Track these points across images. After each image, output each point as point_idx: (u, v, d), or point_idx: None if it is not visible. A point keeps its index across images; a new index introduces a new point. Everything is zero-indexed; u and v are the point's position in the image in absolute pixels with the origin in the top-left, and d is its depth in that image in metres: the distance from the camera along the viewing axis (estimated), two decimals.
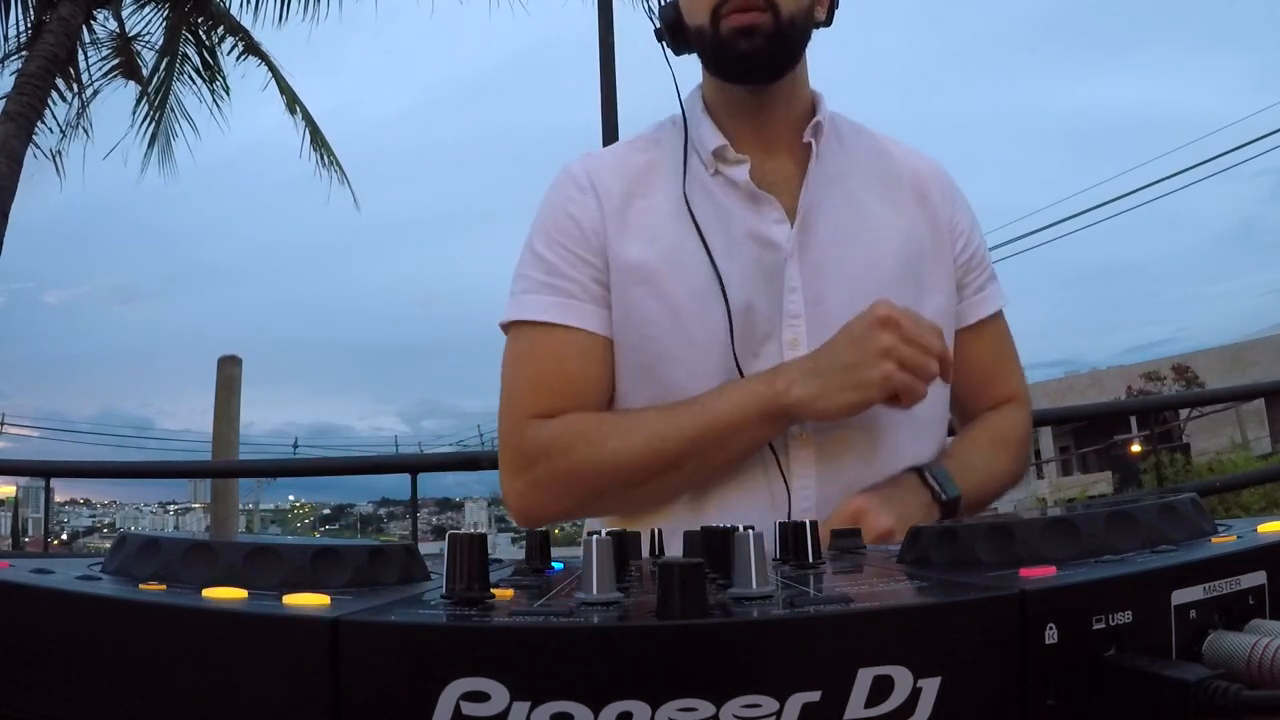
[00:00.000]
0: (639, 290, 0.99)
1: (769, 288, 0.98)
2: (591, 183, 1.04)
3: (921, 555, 0.45)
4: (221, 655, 0.30)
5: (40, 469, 3.90)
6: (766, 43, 0.96)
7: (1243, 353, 21.18)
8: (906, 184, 1.08)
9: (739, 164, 1.02)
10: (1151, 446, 9.15)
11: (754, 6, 0.96)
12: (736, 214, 1.00)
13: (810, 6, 1.01)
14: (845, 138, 1.09)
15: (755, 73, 1.01)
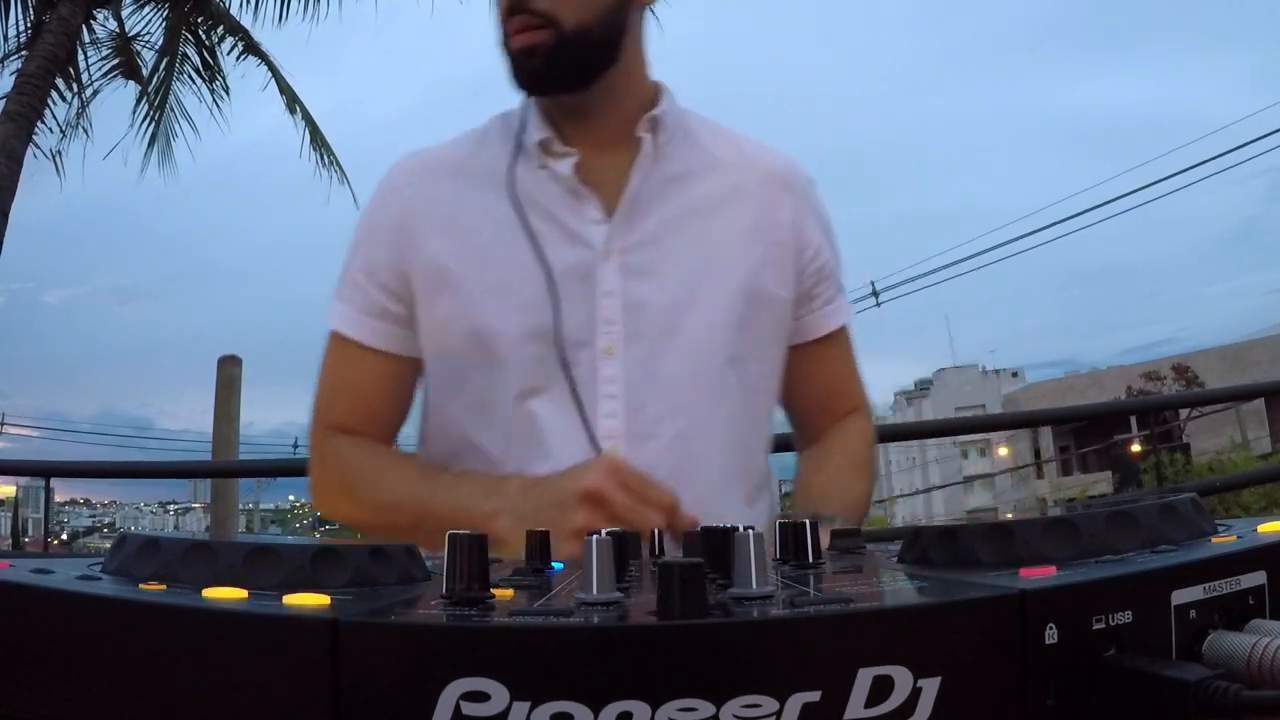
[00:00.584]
0: (444, 297, 0.96)
1: (583, 290, 0.94)
2: (401, 185, 1.02)
3: (921, 555, 0.45)
4: (221, 655, 0.30)
5: (40, 469, 3.90)
6: (547, 61, 0.92)
7: (1243, 353, 21.20)
8: (757, 184, 1.02)
9: (565, 157, 0.97)
10: (1151, 446, 9.16)
11: (530, 26, 0.91)
12: (555, 211, 0.96)
13: (614, 8, 0.94)
14: (696, 135, 1.03)
15: (544, 90, 0.97)
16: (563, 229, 0.95)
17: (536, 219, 0.95)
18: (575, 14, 0.91)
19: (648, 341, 0.94)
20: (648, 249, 0.96)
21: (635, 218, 0.96)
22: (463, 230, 0.97)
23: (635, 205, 0.96)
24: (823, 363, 1.07)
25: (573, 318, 0.93)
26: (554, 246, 0.95)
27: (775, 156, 1.07)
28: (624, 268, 0.95)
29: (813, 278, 1.04)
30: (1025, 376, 39.71)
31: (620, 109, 0.99)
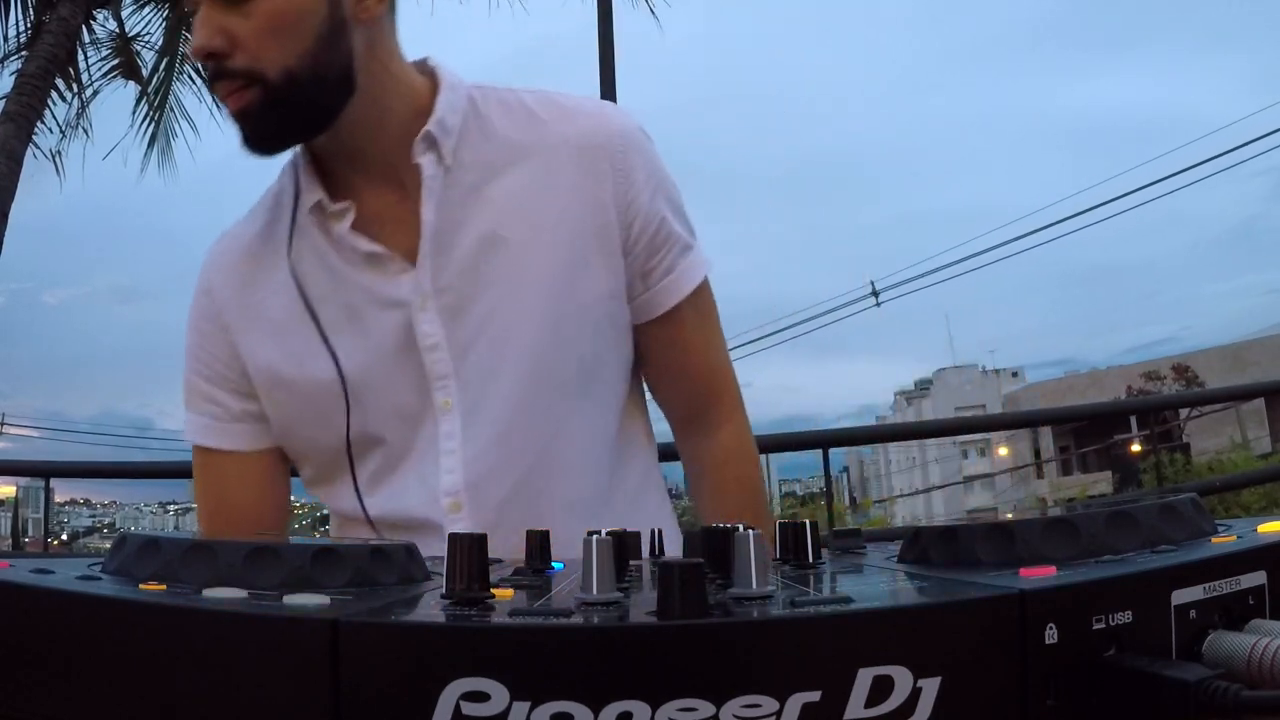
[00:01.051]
0: (277, 393, 0.93)
1: (409, 353, 0.88)
2: (211, 282, 0.96)
3: (921, 555, 0.45)
4: (221, 655, 0.30)
5: (40, 469, 3.90)
6: (264, 121, 0.82)
7: (1243, 352, 21.20)
8: (565, 162, 0.90)
9: (342, 216, 0.88)
10: (1151, 446, 9.16)
11: (235, 89, 0.81)
12: (353, 277, 0.88)
13: (324, 36, 0.82)
14: (491, 125, 0.91)
15: (275, 147, 0.86)
16: (368, 294, 0.88)
17: (337, 292, 0.89)
18: (277, 64, 0.81)
19: (477, 388, 0.88)
20: (462, 282, 0.88)
21: (441, 253, 0.88)
22: (269, 325, 0.92)
23: (438, 239, 0.87)
24: (673, 339, 0.97)
25: (406, 386, 0.89)
26: (366, 318, 0.89)
27: (586, 121, 0.93)
28: (443, 312, 0.88)
29: (645, 251, 0.93)
30: (1025, 376, 39.72)
31: (385, 137, 0.88)
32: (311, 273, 0.90)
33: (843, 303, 15.14)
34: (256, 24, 0.79)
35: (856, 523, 14.18)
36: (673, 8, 6.80)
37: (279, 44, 0.80)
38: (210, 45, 0.79)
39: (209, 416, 0.96)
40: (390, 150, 0.88)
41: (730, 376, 1.03)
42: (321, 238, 0.90)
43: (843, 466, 46.32)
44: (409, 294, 0.87)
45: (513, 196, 0.89)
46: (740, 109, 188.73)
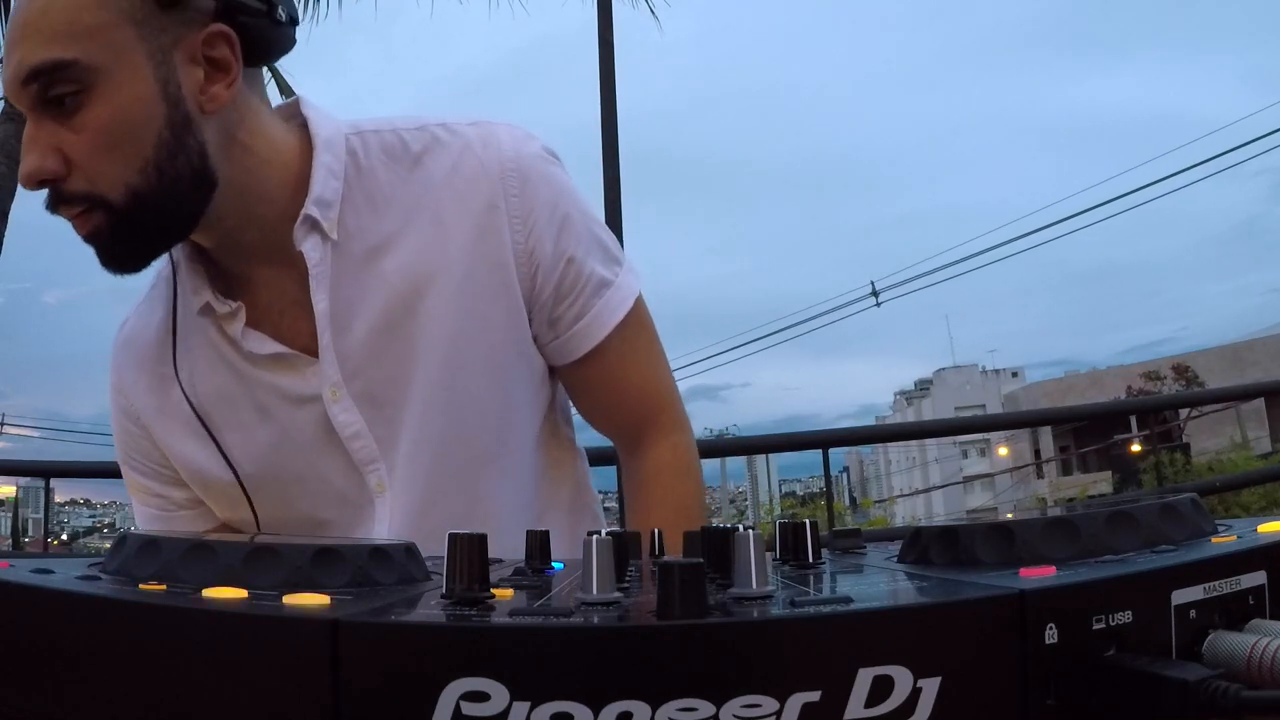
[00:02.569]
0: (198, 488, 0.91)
1: (331, 442, 0.85)
2: (121, 381, 0.92)
3: (921, 555, 0.45)
4: (221, 655, 0.30)
5: (40, 469, 3.90)
6: (115, 241, 0.75)
7: (1243, 352, 21.20)
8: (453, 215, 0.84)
9: (234, 318, 0.83)
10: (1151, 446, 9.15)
11: (76, 213, 0.73)
12: (260, 377, 0.84)
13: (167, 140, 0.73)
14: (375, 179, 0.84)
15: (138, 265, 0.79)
16: (278, 393, 0.85)
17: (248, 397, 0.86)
18: (118, 181, 0.72)
19: (403, 469, 0.86)
20: (370, 369, 0.84)
21: (342, 339, 0.83)
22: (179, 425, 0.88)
23: (336, 325, 0.82)
24: (599, 376, 0.93)
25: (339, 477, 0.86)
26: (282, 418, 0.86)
27: (472, 159, 0.85)
28: (358, 399, 0.84)
29: (551, 299, 0.88)
30: (1025, 376, 39.73)
31: (262, 222, 0.81)
32: (213, 375, 0.86)
33: (843, 303, 15.14)
34: (88, 139, 0.71)
35: (856, 523, 14.18)
36: (672, 7, 6.81)
37: (115, 159, 0.72)
38: (43, 171, 0.71)
39: (155, 508, 0.95)
40: (270, 234, 0.81)
41: (667, 394, 0.98)
42: (218, 336, 0.85)
43: (843, 466, 46.34)
44: (318, 387, 0.84)
45: (405, 265, 0.84)
46: (740, 109, 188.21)
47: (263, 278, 0.84)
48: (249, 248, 0.83)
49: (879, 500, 35.66)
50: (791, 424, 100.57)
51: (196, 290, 0.84)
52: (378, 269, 0.83)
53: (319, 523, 0.89)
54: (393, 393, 0.85)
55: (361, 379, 0.84)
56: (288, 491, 0.88)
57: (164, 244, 0.80)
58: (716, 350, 22.79)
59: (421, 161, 0.86)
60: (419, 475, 0.86)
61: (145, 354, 0.89)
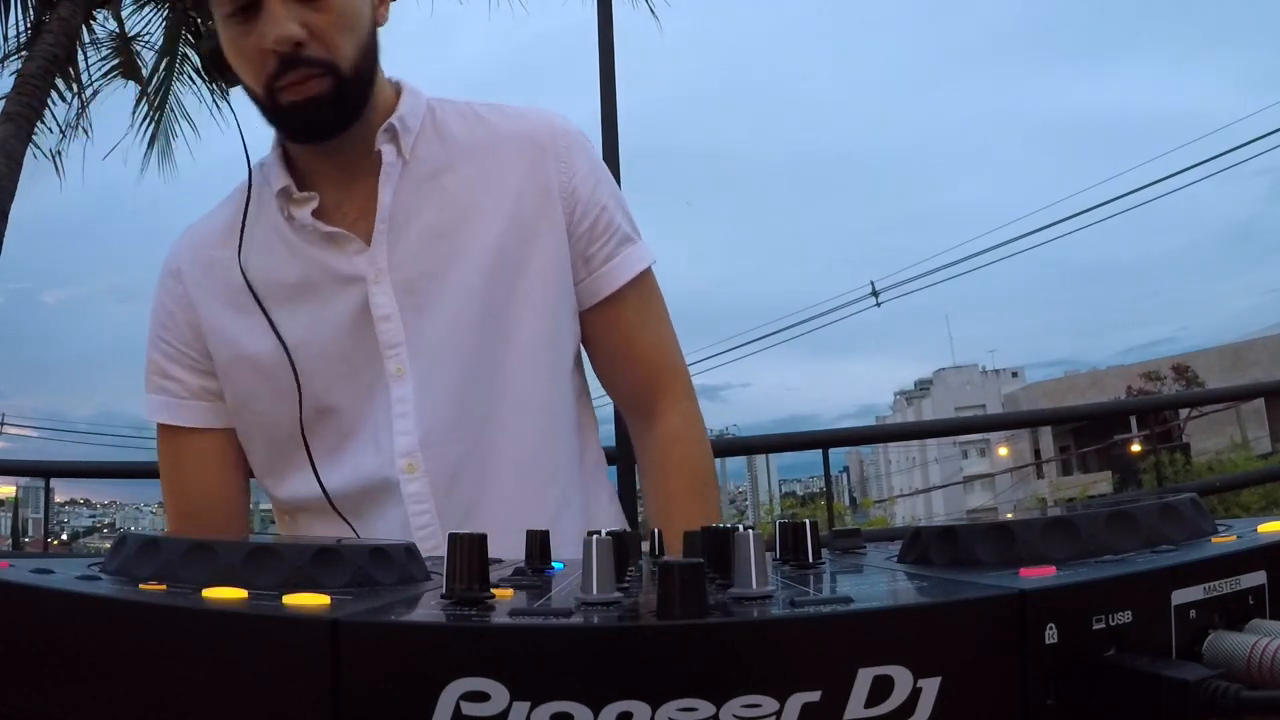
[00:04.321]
0: (235, 369, 0.97)
1: (363, 325, 0.93)
2: (179, 265, 1.01)
3: (921, 555, 0.45)
4: (221, 655, 0.30)
5: (40, 469, 3.90)
6: (333, 108, 0.89)
7: (1243, 352, 21.20)
8: (511, 156, 0.98)
9: (305, 203, 0.94)
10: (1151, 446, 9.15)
11: (311, 75, 0.87)
12: (316, 257, 0.94)
13: (370, 37, 0.92)
14: (445, 127, 0.99)
15: (327, 136, 0.92)
16: (326, 271, 0.94)
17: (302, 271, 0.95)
18: (348, 56, 0.88)
19: (429, 356, 0.93)
20: (411, 264, 0.94)
21: (395, 235, 0.94)
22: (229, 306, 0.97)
23: (393, 222, 0.94)
24: (616, 324, 1.02)
25: (360, 355, 0.93)
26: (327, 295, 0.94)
27: (530, 122, 1.01)
28: (397, 287, 0.93)
29: (586, 236, 0.99)
30: (1025, 376, 39.72)
31: (366, 127, 0.95)
32: (270, 254, 0.96)
33: (843, 303, 15.14)
34: (329, 18, 0.87)
35: (856, 523, 14.18)
36: (672, 6, 6.79)
37: (347, 37, 0.88)
38: (296, 34, 0.85)
39: (166, 394, 1.00)
40: (358, 143, 0.94)
41: (678, 364, 1.06)
42: (284, 221, 0.96)
43: (843, 466, 46.32)
44: (364, 269, 0.93)
45: (464, 187, 0.97)
46: (740, 109, 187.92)
47: (338, 178, 0.96)
48: (341, 156, 0.95)
49: (879, 500, 35.66)
50: (791, 424, 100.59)
51: (278, 177, 0.95)
52: (438, 184, 0.96)
53: (325, 409, 0.94)
54: (429, 286, 0.94)
55: (404, 270, 0.93)
56: (309, 370, 0.94)
57: (348, 123, 0.92)
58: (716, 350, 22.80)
59: (486, 119, 1.01)
60: (451, 365, 0.93)
61: (209, 240, 1.00)
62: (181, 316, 1.00)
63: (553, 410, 0.98)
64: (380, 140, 0.94)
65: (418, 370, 0.93)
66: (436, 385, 0.93)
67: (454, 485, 0.93)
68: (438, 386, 0.93)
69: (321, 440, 0.95)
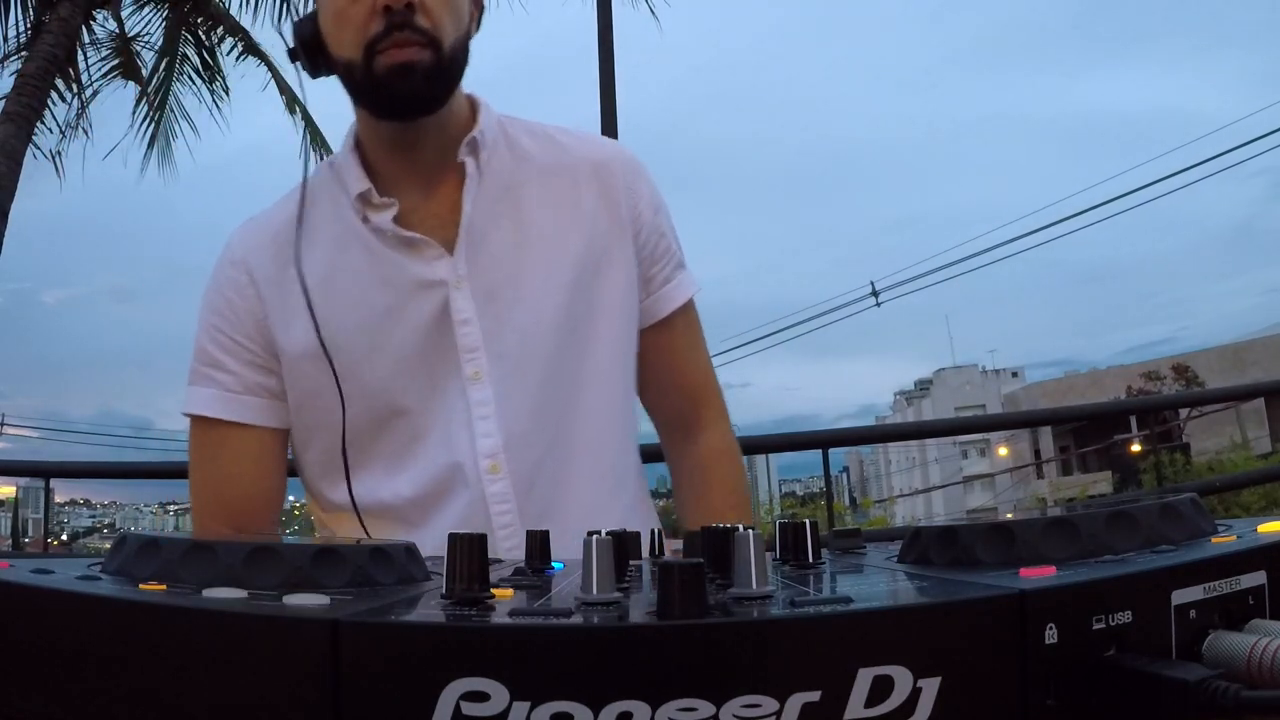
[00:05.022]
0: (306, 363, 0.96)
1: (441, 328, 0.95)
2: (244, 255, 1.01)
3: (921, 555, 0.45)
4: (221, 655, 0.30)
5: (40, 469, 3.90)
6: (426, 80, 0.90)
7: (1243, 352, 21.20)
8: (585, 180, 1.02)
9: (385, 208, 0.96)
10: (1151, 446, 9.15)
11: (414, 42, 0.89)
12: (395, 261, 0.96)
13: (466, 34, 0.95)
14: (518, 144, 1.03)
15: (414, 110, 0.94)
16: (406, 275, 0.95)
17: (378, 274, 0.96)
18: (450, 37, 0.91)
19: (510, 360, 0.95)
20: (492, 272, 0.96)
21: (477, 243, 0.96)
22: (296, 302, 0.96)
23: (472, 231, 0.96)
24: (667, 342, 1.07)
25: (437, 356, 0.95)
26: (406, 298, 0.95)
27: (600, 148, 1.07)
28: (476, 294, 0.95)
29: (648, 259, 1.05)
30: (1025, 376, 39.71)
31: (445, 135, 0.97)
32: (344, 255, 0.97)
33: (843, 303, 15.14)
34: None
35: (856, 523, 14.18)
36: (672, 7, 6.81)
37: (451, 18, 0.91)
38: None
39: (216, 386, 0.99)
40: (443, 149, 0.97)
41: (716, 387, 1.12)
42: (359, 223, 0.97)
43: (843, 466, 46.31)
44: (446, 275, 0.95)
45: (539, 203, 1.00)
46: (740, 109, 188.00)
47: (417, 185, 0.98)
48: (423, 157, 0.98)
49: (879, 500, 35.64)
50: (791, 424, 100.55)
51: (356, 180, 0.97)
52: (513, 198, 0.99)
53: (396, 411, 0.95)
54: (509, 294, 0.96)
55: (484, 278, 0.96)
56: (379, 370, 0.95)
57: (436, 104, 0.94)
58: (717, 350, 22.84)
59: (557, 140, 1.05)
60: (531, 372, 0.96)
61: (274, 232, 1.00)
62: (243, 307, 0.99)
63: (625, 419, 1.03)
64: (463, 152, 0.97)
65: (496, 374, 0.94)
66: (516, 389, 0.95)
67: (532, 487, 0.94)
68: (517, 390, 0.95)
69: (390, 441, 0.96)
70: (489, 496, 0.93)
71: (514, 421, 0.94)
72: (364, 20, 0.89)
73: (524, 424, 0.94)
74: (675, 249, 1.08)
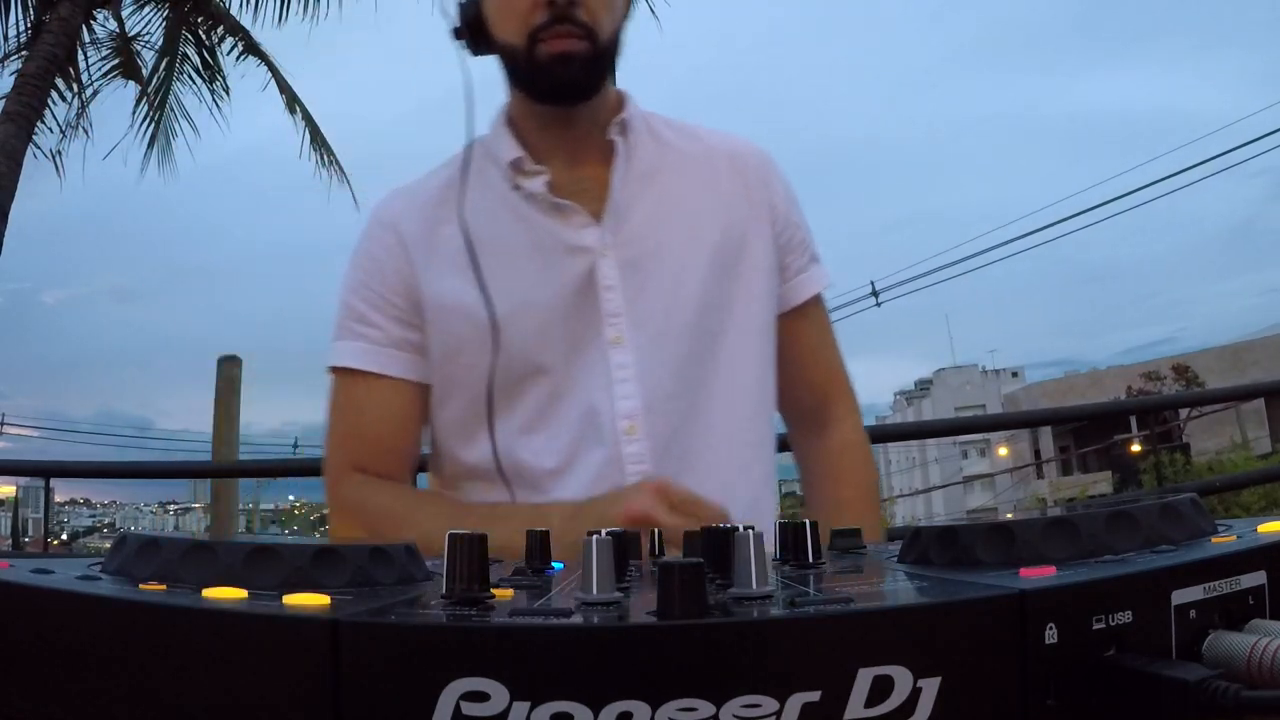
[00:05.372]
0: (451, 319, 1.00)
1: (586, 292, 0.99)
2: (394, 220, 1.05)
3: (921, 555, 0.45)
4: (221, 655, 0.30)
5: (40, 469, 3.90)
6: (584, 70, 0.97)
7: (1242, 353, 21.20)
8: (723, 169, 1.08)
9: (537, 175, 1.02)
10: (1151, 446, 9.15)
11: (574, 34, 0.96)
12: (544, 226, 1.01)
13: (620, 29, 1.02)
14: (660, 133, 1.09)
15: (572, 97, 1.01)
16: (554, 239, 1.00)
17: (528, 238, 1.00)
18: (606, 31, 0.98)
19: (651, 327, 0.98)
20: (637, 244, 1.01)
21: (621, 216, 1.01)
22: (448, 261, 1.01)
23: (618, 205, 1.01)
24: (800, 331, 1.11)
25: (579, 319, 0.98)
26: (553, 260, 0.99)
27: (733, 141, 1.12)
28: (621, 262, 1.00)
29: (784, 247, 1.09)
30: (1025, 376, 39.70)
31: (596, 118, 1.04)
32: (493, 219, 1.02)
33: (843, 302, 15.15)
34: None
35: None
36: (672, 7, 6.80)
37: (608, 16, 0.98)
38: None
39: (364, 340, 1.02)
40: (594, 130, 1.04)
41: (848, 380, 1.16)
42: (510, 190, 1.03)
43: None
44: (593, 242, 1.00)
45: (679, 187, 1.06)
46: (740, 109, 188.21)
47: (565, 160, 1.04)
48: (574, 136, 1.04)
49: None
50: None
51: (510, 149, 1.03)
52: (655, 180, 1.05)
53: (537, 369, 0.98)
54: (651, 265, 1.01)
55: (629, 249, 1.01)
56: (525, 329, 0.98)
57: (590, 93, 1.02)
58: None
59: (696, 133, 1.12)
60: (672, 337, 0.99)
61: (425, 199, 1.06)
62: (391, 265, 1.03)
63: (763, 392, 1.06)
64: (613, 131, 1.03)
65: (636, 341, 0.98)
66: (655, 356, 0.98)
67: (667, 451, 0.96)
68: (656, 358, 0.98)
69: (530, 399, 0.98)
70: (625, 456, 0.95)
71: (654, 386, 0.97)
72: (528, 10, 0.95)
73: (664, 389, 0.97)
74: (809, 242, 1.12)
